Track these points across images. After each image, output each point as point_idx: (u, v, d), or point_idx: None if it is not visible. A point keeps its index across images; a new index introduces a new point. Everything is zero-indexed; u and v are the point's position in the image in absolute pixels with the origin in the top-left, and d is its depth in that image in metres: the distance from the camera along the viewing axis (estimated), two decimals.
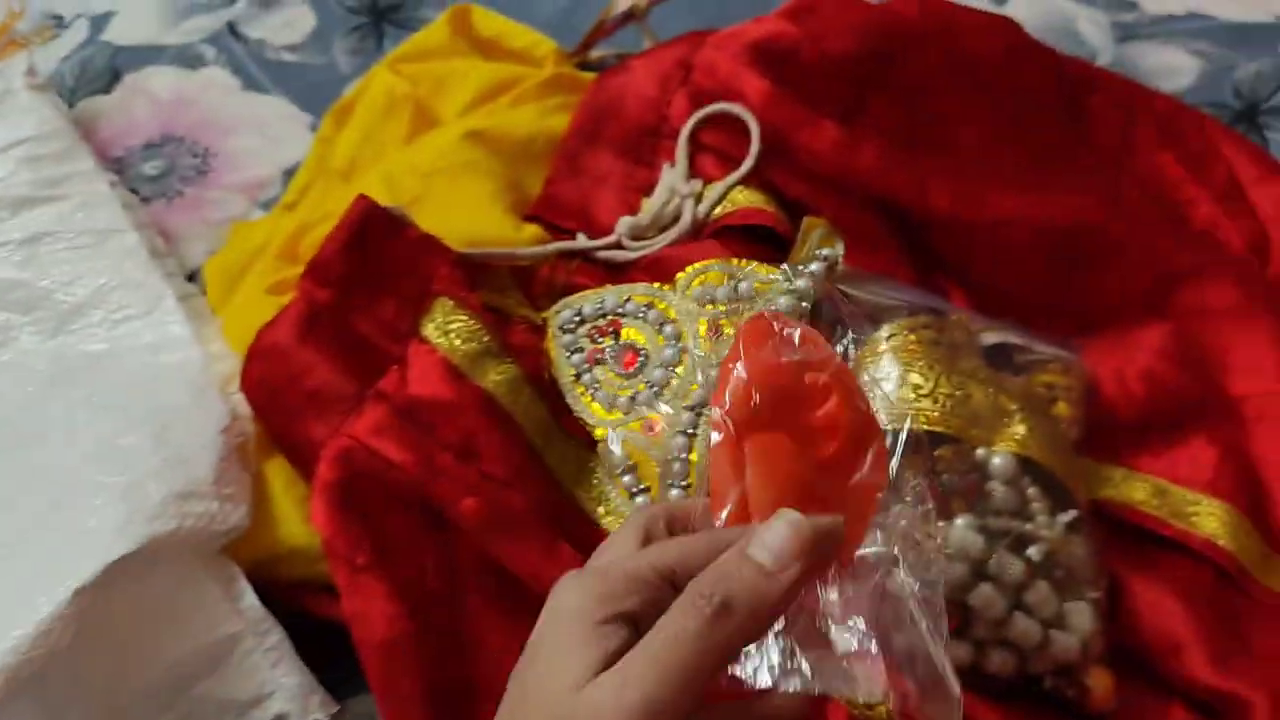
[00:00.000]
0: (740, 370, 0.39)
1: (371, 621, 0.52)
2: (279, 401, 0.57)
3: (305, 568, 0.57)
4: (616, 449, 0.59)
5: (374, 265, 0.59)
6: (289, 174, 0.77)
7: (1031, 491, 0.55)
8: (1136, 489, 0.61)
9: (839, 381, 0.39)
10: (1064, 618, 0.53)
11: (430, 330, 0.59)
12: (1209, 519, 0.59)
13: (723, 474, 0.38)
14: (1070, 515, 0.55)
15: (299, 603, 0.57)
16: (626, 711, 0.32)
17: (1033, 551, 0.54)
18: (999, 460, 0.55)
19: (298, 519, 0.57)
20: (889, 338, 0.59)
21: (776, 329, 0.40)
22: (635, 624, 0.34)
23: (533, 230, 0.66)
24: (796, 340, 0.40)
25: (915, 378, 0.57)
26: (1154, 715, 0.55)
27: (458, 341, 0.59)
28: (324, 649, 0.55)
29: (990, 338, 0.62)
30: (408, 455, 0.55)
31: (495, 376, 0.58)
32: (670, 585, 0.35)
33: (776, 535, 0.35)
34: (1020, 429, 0.57)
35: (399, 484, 0.54)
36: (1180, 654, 0.55)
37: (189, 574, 0.54)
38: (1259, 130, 0.79)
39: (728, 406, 0.39)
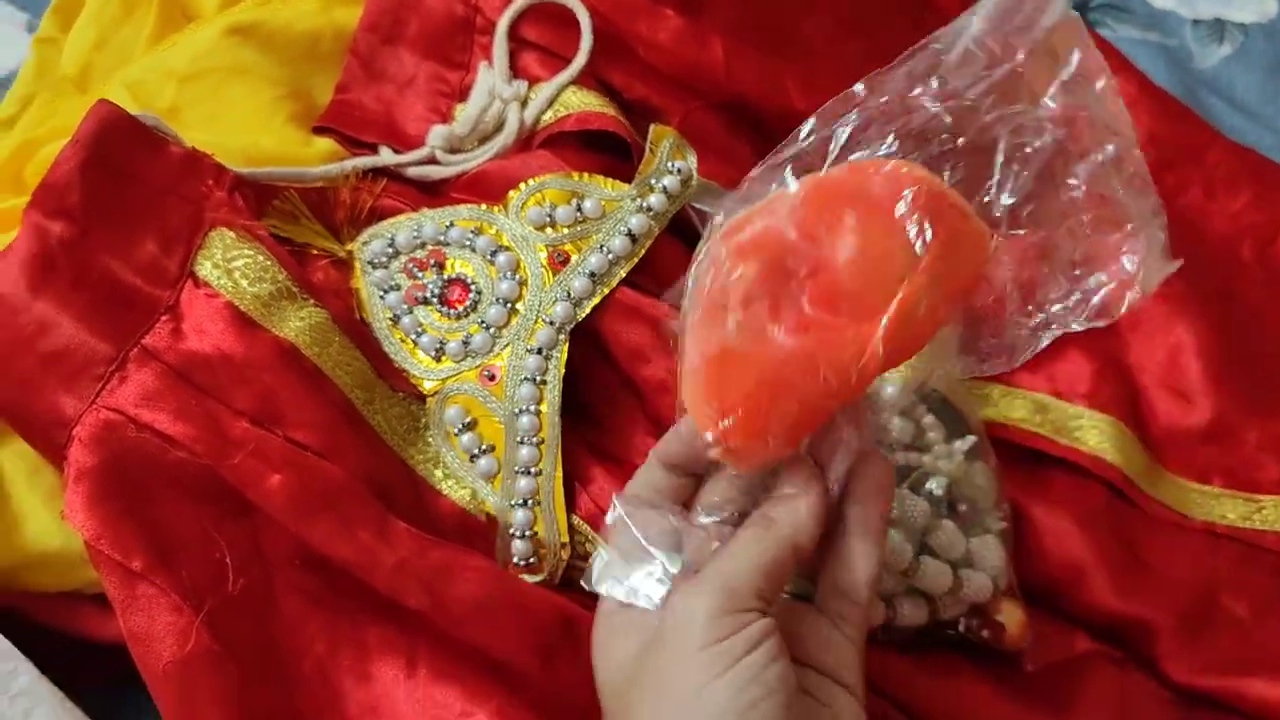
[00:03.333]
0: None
1: (156, 640, 0.42)
2: (9, 370, 0.44)
3: (62, 577, 0.47)
4: (450, 404, 0.49)
5: (125, 189, 0.46)
6: (2, 85, 0.65)
7: (927, 420, 0.50)
8: (1016, 406, 0.57)
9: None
10: (972, 556, 0.48)
11: (209, 269, 0.47)
12: (1091, 432, 0.56)
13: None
14: (968, 442, 0.50)
15: (59, 623, 0.46)
16: (713, 578, 0.36)
17: (933, 485, 0.49)
18: (891, 390, 0.49)
19: (48, 516, 0.47)
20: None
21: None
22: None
23: (325, 145, 0.55)
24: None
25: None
26: (1058, 647, 0.51)
27: (244, 282, 0.47)
28: (101, 678, 0.47)
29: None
30: (189, 427, 0.43)
31: (296, 323, 0.47)
32: None
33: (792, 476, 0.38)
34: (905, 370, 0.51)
35: (180, 464, 0.43)
36: (1082, 581, 0.52)
37: None
38: (1091, 28, 0.76)
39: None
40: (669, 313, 0.51)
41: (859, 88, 0.38)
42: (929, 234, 0.35)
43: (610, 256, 0.51)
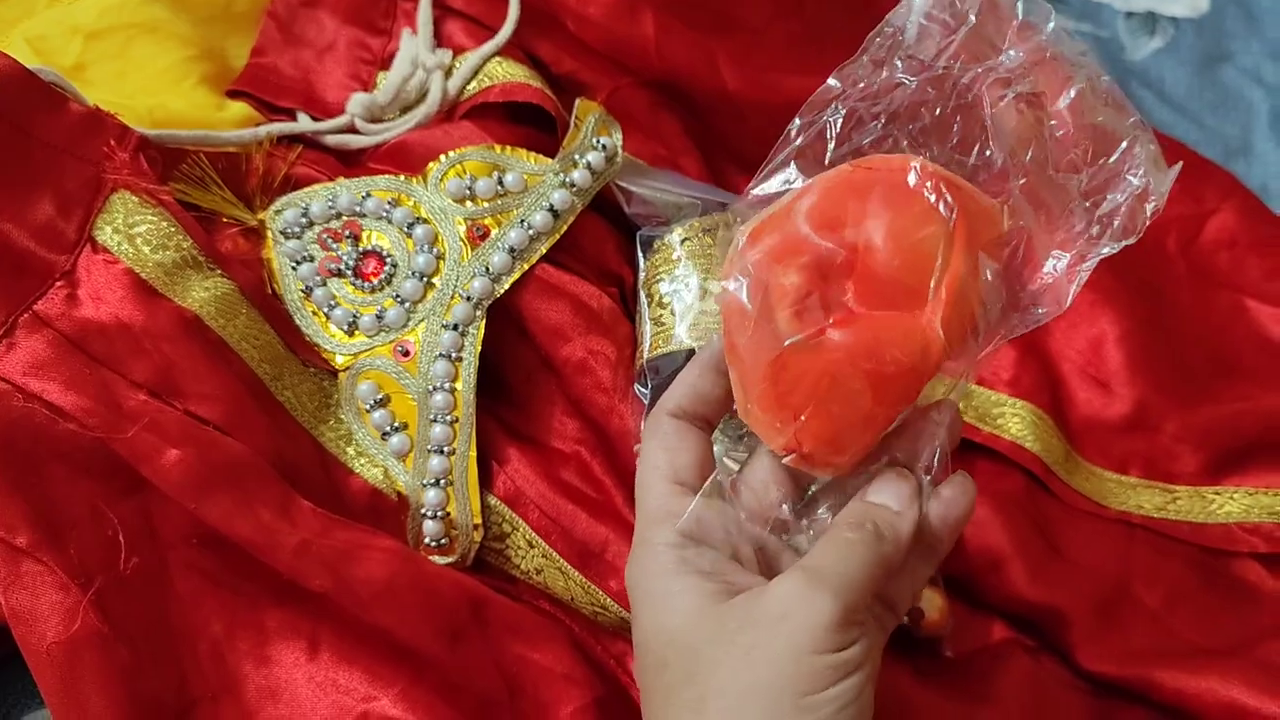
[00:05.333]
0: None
1: (40, 620, 0.40)
2: None
3: None
4: (362, 380, 0.48)
5: (20, 148, 0.44)
6: None
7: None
8: (939, 392, 0.56)
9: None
10: None
11: (109, 235, 0.45)
12: (1013, 420, 0.56)
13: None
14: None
15: None
16: (834, 581, 0.34)
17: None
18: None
19: None
20: (683, 241, 0.51)
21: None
22: None
23: (239, 109, 0.53)
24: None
25: (716, 286, 0.49)
26: (976, 635, 0.51)
27: (147, 249, 0.45)
28: None
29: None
30: (81, 398, 0.42)
31: (200, 293, 0.46)
32: None
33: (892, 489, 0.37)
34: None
35: (70, 437, 0.41)
36: (999, 568, 0.52)
37: None
38: None
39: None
40: (591, 292, 0.50)
41: (833, 81, 0.38)
42: (955, 213, 0.35)
43: (531, 232, 0.49)
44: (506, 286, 0.49)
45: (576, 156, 0.51)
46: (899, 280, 0.35)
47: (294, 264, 0.49)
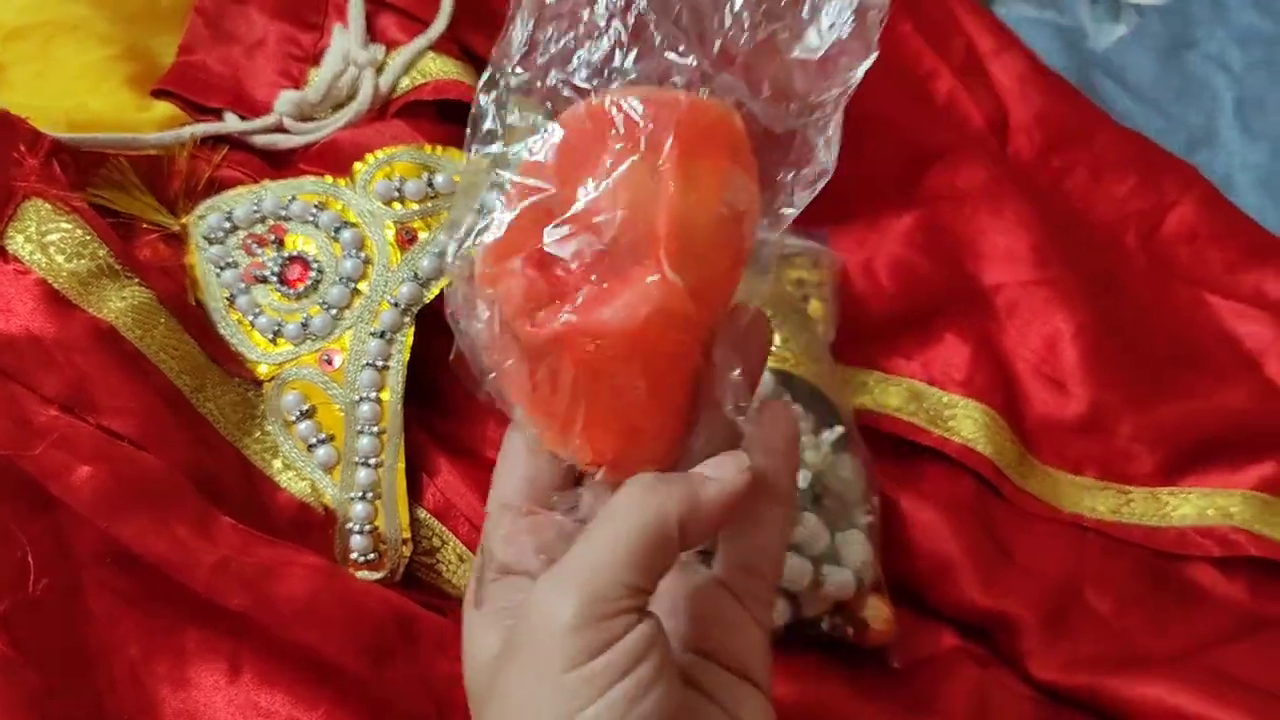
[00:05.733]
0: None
1: None
2: None
3: None
4: (287, 390, 0.46)
5: None
6: None
7: (795, 410, 0.48)
8: (891, 394, 0.56)
9: None
10: (836, 551, 0.47)
11: (20, 244, 0.43)
12: (965, 422, 0.55)
13: None
14: (836, 433, 0.48)
15: None
16: (572, 575, 0.30)
17: (798, 479, 0.47)
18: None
19: None
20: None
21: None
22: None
23: (164, 110, 0.51)
24: None
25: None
26: (925, 644, 0.50)
27: (60, 258, 0.44)
28: None
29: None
30: None
31: (117, 303, 0.44)
32: None
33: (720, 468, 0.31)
34: (774, 338, 0.49)
35: None
36: (949, 575, 0.51)
37: None
38: (987, 6, 0.74)
39: None
40: None
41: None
42: (650, 133, 0.30)
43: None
44: (435, 292, 0.47)
45: (511, 153, 0.50)
46: (623, 235, 0.30)
47: (218, 270, 0.48)
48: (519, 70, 0.33)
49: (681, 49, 0.32)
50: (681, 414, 0.33)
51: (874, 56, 0.32)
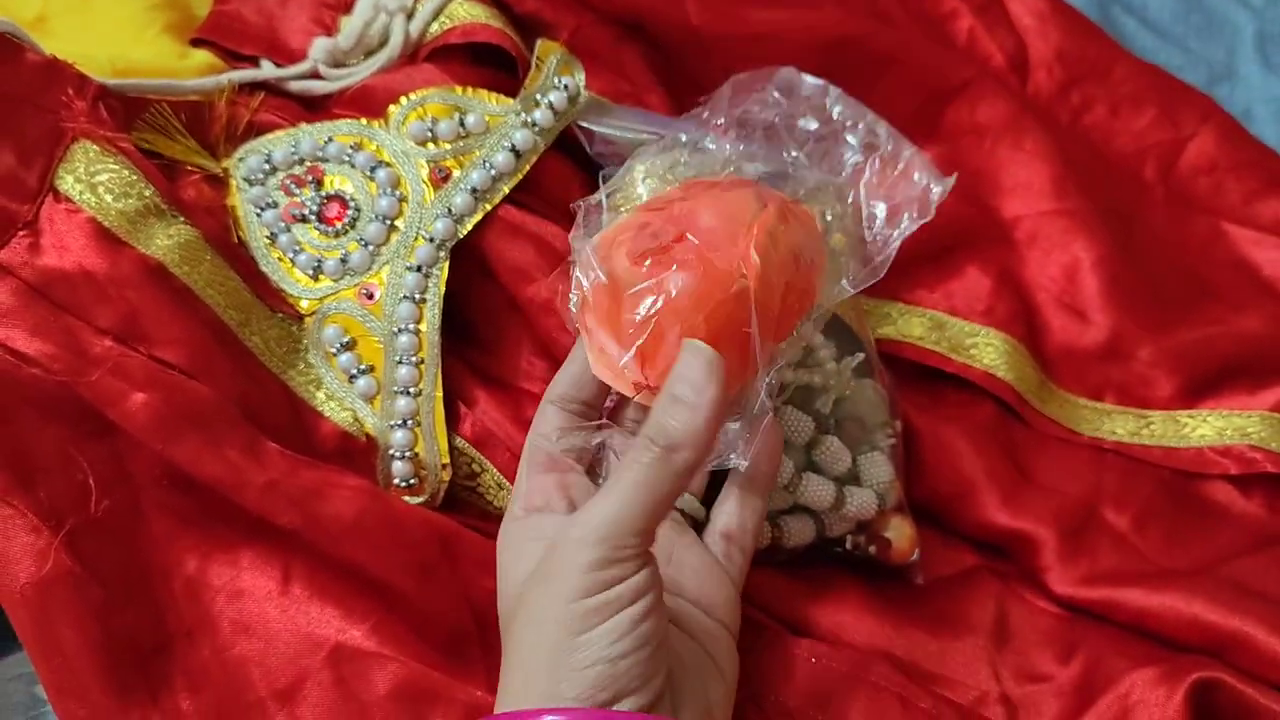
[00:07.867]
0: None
1: (12, 563, 0.41)
2: None
3: None
4: (328, 324, 0.48)
5: None
6: None
7: (817, 339, 0.49)
8: (914, 324, 0.57)
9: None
10: (859, 472, 0.48)
11: (71, 184, 0.45)
12: (987, 350, 0.56)
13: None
14: (857, 358, 0.49)
15: None
16: (594, 525, 0.36)
17: (820, 404, 0.48)
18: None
19: None
20: (644, 178, 0.51)
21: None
22: None
23: (202, 58, 0.53)
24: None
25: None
26: (946, 562, 0.52)
27: (109, 197, 0.46)
28: None
29: (753, 169, 0.55)
30: (46, 345, 0.42)
31: (164, 240, 0.46)
32: None
33: (687, 367, 0.38)
34: None
35: (36, 383, 0.42)
36: (970, 496, 0.52)
37: None
38: None
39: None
40: (555, 231, 0.50)
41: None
42: (772, 201, 0.43)
43: (493, 173, 0.49)
44: (469, 228, 0.49)
45: (538, 96, 0.51)
46: (718, 229, 0.40)
47: (258, 210, 0.49)
48: None
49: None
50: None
51: (930, 216, 0.48)
